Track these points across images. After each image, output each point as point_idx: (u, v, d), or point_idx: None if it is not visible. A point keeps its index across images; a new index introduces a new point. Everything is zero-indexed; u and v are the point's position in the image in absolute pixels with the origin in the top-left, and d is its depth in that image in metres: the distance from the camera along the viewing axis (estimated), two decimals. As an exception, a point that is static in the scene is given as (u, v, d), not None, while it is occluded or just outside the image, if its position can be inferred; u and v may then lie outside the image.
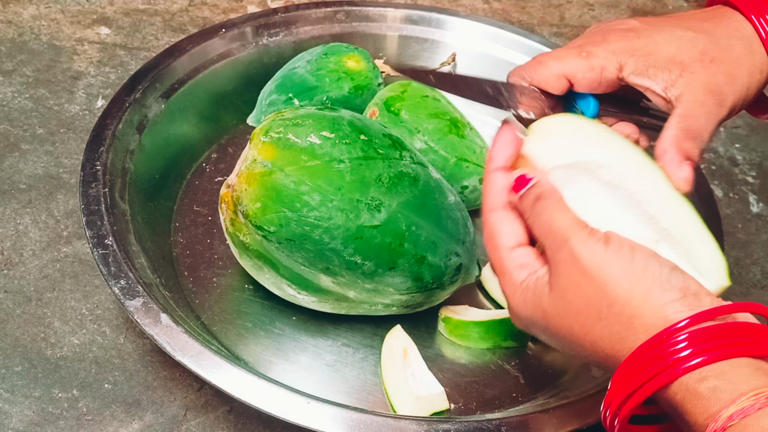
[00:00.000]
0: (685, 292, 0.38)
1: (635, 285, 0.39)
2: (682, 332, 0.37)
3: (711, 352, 0.36)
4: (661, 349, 0.37)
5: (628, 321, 0.38)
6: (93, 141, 0.68)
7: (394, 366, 0.63)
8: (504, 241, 0.45)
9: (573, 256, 0.40)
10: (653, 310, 0.38)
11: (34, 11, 0.98)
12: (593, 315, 0.39)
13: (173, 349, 0.55)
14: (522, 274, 0.43)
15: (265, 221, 0.58)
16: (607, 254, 0.39)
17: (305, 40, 0.86)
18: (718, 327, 0.37)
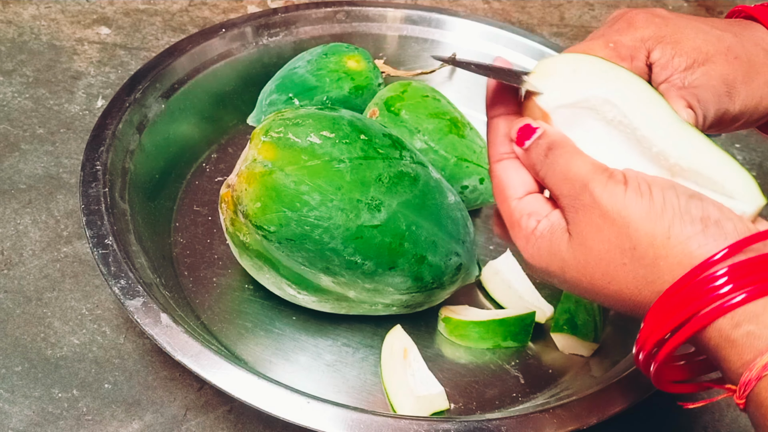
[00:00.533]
0: (706, 222, 0.37)
1: (656, 223, 0.37)
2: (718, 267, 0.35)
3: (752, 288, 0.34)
4: (696, 287, 0.35)
5: (653, 263, 0.37)
6: (93, 141, 0.68)
7: (394, 366, 0.63)
8: (512, 192, 0.43)
9: (594, 201, 0.38)
10: (677, 248, 0.36)
11: (34, 11, 0.97)
12: (616, 260, 0.38)
13: (173, 349, 0.55)
14: (532, 222, 0.42)
15: (265, 221, 0.58)
16: (627, 195, 0.38)
17: (305, 40, 0.86)
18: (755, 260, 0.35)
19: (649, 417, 0.64)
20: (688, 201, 0.38)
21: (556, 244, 0.40)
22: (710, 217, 0.37)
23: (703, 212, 0.37)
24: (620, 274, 0.38)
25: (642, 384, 0.57)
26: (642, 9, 0.51)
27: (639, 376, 0.57)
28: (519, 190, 0.43)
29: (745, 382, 0.34)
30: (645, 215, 0.37)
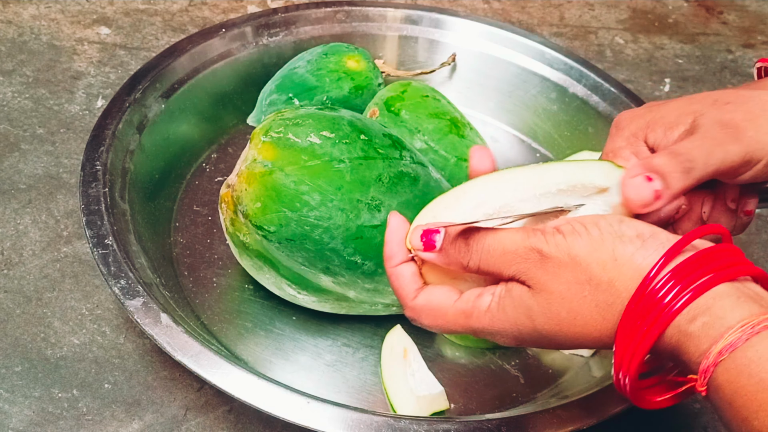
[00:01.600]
0: (642, 237, 0.39)
1: (601, 251, 0.39)
2: (660, 277, 0.37)
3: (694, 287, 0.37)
4: (646, 301, 0.38)
5: (609, 286, 0.39)
6: (93, 141, 0.68)
7: (394, 366, 0.63)
8: (448, 300, 0.44)
9: (542, 256, 0.40)
10: (626, 266, 0.39)
11: (34, 11, 0.97)
12: (577, 295, 0.40)
13: (173, 349, 0.55)
14: (486, 298, 0.43)
15: (265, 221, 0.58)
16: (568, 240, 0.40)
17: (305, 40, 0.86)
18: (691, 259, 0.38)
19: (649, 417, 0.64)
20: (620, 225, 0.40)
21: (518, 297, 0.42)
22: (644, 233, 0.40)
23: (636, 230, 0.40)
24: (583, 306, 0.40)
25: (642, 384, 0.57)
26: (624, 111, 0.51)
27: (639, 376, 0.57)
28: (452, 295, 0.44)
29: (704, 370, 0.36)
30: (590, 248, 0.39)
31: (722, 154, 0.45)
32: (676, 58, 1.05)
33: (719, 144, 0.45)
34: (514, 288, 0.42)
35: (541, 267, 0.40)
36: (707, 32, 1.11)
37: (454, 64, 0.88)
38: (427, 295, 0.45)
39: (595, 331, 0.40)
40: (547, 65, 0.85)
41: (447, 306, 0.44)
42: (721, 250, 0.39)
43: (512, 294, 0.42)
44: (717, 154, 0.45)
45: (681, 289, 0.37)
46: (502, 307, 0.42)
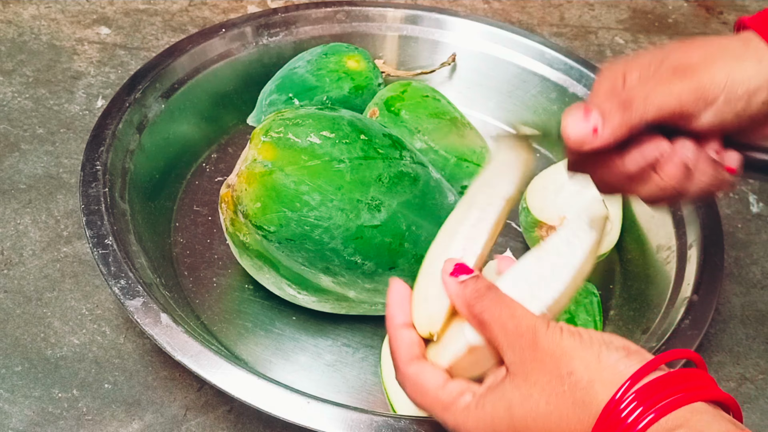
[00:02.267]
0: (627, 350, 0.40)
1: (588, 351, 0.40)
2: (630, 392, 0.38)
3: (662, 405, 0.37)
4: (618, 413, 0.38)
5: (589, 386, 0.39)
6: (93, 141, 0.68)
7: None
8: (434, 384, 0.45)
9: (536, 340, 0.41)
10: (607, 370, 0.39)
11: (34, 11, 0.97)
12: (557, 388, 0.40)
13: (173, 349, 0.55)
14: (467, 397, 0.44)
15: (265, 221, 0.58)
16: (563, 336, 0.41)
17: (305, 40, 0.86)
18: (661, 379, 0.38)
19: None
20: (611, 336, 0.41)
21: (499, 391, 0.42)
22: (630, 347, 0.40)
23: (624, 343, 0.41)
24: (561, 401, 0.40)
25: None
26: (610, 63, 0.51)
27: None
28: (438, 380, 0.45)
29: None
30: (578, 346, 0.40)
31: (665, 92, 0.46)
32: (676, 58, 1.05)
33: (663, 83, 0.46)
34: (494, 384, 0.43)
35: (531, 351, 0.41)
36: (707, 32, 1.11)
37: (454, 64, 0.88)
38: (418, 369, 0.45)
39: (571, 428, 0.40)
40: (547, 65, 0.85)
41: (430, 389, 0.45)
42: (692, 374, 0.39)
43: (494, 390, 0.42)
44: (659, 92, 0.46)
45: (644, 410, 0.37)
46: (482, 404, 0.42)
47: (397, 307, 0.48)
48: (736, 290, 0.77)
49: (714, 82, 0.46)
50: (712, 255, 0.66)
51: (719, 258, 0.66)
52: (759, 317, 0.74)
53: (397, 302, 0.48)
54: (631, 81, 0.48)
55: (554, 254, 0.47)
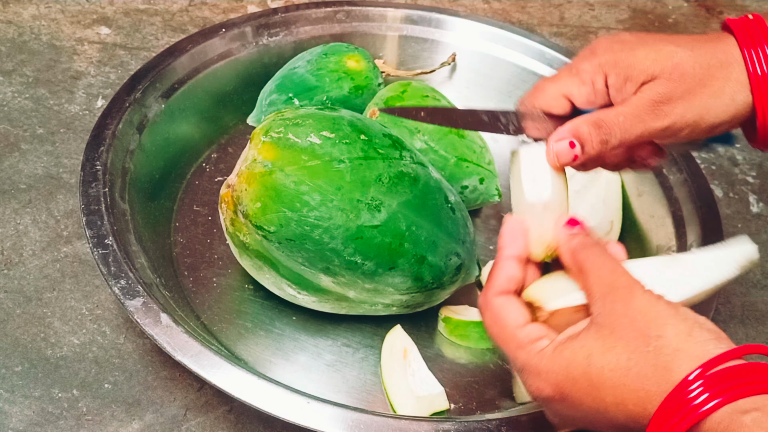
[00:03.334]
0: (717, 335, 0.41)
1: (682, 323, 0.41)
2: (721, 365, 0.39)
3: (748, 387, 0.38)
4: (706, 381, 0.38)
5: (674, 354, 0.40)
6: (93, 141, 0.68)
7: (394, 366, 0.63)
8: (514, 321, 0.46)
9: (631, 297, 0.42)
10: (697, 345, 0.40)
11: (34, 11, 0.98)
12: (641, 344, 0.41)
13: (173, 349, 0.55)
14: (544, 341, 0.45)
15: (265, 221, 0.58)
16: (659, 302, 0.42)
17: (305, 40, 0.86)
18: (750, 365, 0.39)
19: (649, 417, 0.64)
20: (705, 320, 0.42)
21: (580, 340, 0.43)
22: (721, 333, 0.41)
23: (716, 329, 0.42)
24: (643, 360, 0.40)
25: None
26: (608, 36, 0.54)
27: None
28: (519, 319, 0.46)
29: None
30: (673, 315, 0.41)
31: (641, 129, 0.51)
32: (676, 58, 1.05)
33: (642, 121, 0.51)
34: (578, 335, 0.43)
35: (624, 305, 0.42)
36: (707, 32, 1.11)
37: (454, 64, 0.88)
38: (504, 302, 0.47)
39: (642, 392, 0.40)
40: (547, 65, 0.85)
41: (509, 324, 0.46)
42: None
43: (575, 339, 0.43)
44: (636, 129, 0.51)
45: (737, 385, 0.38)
46: (560, 350, 0.43)
47: (511, 239, 0.49)
48: (736, 290, 0.77)
49: (684, 120, 0.51)
50: (712, 255, 0.66)
51: (719, 258, 0.66)
52: (759, 317, 0.74)
53: (511, 235, 0.50)
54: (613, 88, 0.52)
55: (688, 267, 0.48)
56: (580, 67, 0.53)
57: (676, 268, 0.48)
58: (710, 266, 0.48)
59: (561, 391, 0.43)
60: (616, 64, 0.52)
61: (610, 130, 0.51)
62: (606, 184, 0.76)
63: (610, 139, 0.51)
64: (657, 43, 0.52)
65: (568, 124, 0.52)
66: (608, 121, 0.51)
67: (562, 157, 0.51)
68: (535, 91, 0.55)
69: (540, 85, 0.55)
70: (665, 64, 0.51)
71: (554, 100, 0.53)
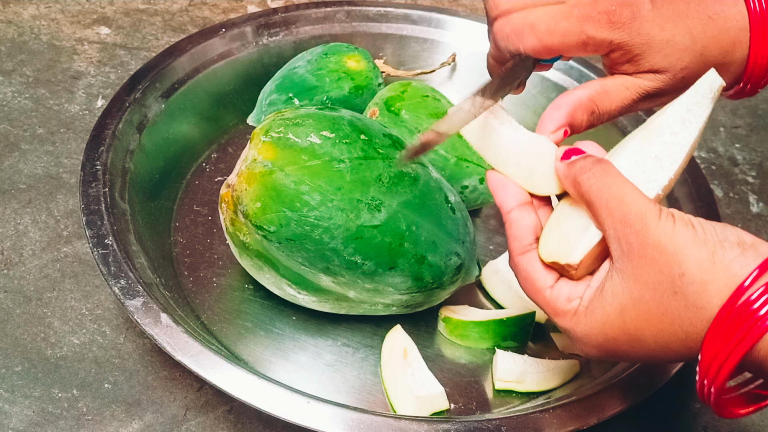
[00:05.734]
0: (743, 245, 0.39)
1: (702, 249, 0.39)
2: (755, 285, 0.37)
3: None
4: (740, 309, 0.37)
5: (702, 288, 0.38)
6: (93, 141, 0.68)
7: (394, 366, 0.63)
8: (543, 282, 0.45)
9: (646, 232, 0.40)
10: (722, 271, 0.38)
11: (34, 11, 0.98)
12: (669, 289, 0.39)
13: (173, 349, 0.55)
14: (574, 303, 0.44)
15: (265, 221, 0.58)
16: (676, 227, 0.40)
17: (305, 40, 0.86)
18: None
19: (649, 417, 0.64)
20: (724, 229, 0.40)
21: (608, 295, 0.41)
22: (746, 241, 0.39)
23: (739, 238, 0.39)
24: (673, 303, 0.39)
25: (642, 384, 0.57)
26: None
27: (639, 376, 0.57)
28: (549, 279, 0.45)
29: None
30: (691, 242, 0.39)
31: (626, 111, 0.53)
32: (676, 58, 1.05)
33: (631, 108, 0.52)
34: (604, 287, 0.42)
35: (641, 244, 0.40)
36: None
37: (454, 64, 0.88)
38: (528, 262, 0.46)
39: (682, 333, 0.39)
40: (547, 65, 0.85)
41: (541, 287, 0.45)
42: None
43: (602, 293, 0.42)
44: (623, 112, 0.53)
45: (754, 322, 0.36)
46: (591, 311, 0.42)
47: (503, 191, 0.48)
48: (736, 290, 0.77)
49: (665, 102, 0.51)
50: (712, 255, 0.66)
51: (719, 258, 0.66)
52: None
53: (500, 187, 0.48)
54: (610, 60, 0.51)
55: (666, 133, 0.46)
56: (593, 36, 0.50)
57: (657, 140, 0.46)
58: (687, 117, 0.46)
59: (606, 350, 0.43)
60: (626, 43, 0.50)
61: (600, 116, 0.51)
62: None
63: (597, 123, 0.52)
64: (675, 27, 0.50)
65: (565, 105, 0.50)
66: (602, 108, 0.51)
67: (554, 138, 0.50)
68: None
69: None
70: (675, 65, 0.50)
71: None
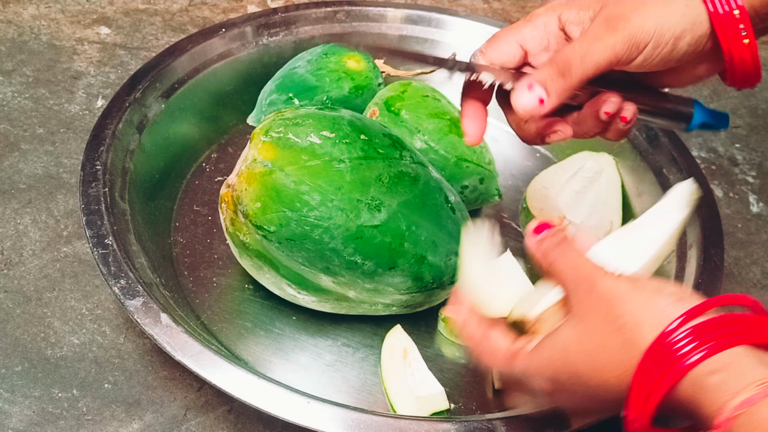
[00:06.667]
0: (678, 296, 0.42)
1: (639, 296, 0.42)
2: (679, 330, 0.40)
3: (709, 345, 0.39)
4: (666, 348, 0.40)
5: (636, 327, 0.41)
6: (93, 141, 0.68)
7: (394, 366, 0.63)
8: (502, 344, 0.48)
9: (593, 285, 0.44)
10: (655, 314, 0.41)
11: (34, 11, 0.98)
12: (607, 329, 0.42)
13: (173, 349, 0.55)
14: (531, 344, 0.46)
15: (265, 221, 0.58)
16: (618, 280, 0.44)
17: (305, 40, 0.86)
18: (712, 320, 0.40)
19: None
20: (665, 284, 0.43)
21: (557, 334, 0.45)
22: (682, 294, 0.42)
23: (676, 291, 0.43)
24: (610, 341, 0.42)
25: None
26: None
27: (639, 376, 0.57)
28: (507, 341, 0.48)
29: (720, 424, 0.37)
30: (630, 291, 0.43)
31: (601, 48, 0.50)
32: (676, 58, 1.05)
33: (598, 39, 0.50)
34: (557, 329, 0.45)
35: (588, 294, 0.44)
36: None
37: (454, 64, 0.88)
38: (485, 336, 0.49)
39: (618, 368, 0.42)
40: (547, 65, 0.85)
41: (499, 349, 0.48)
42: (746, 318, 0.40)
43: (554, 334, 0.45)
44: (595, 49, 0.50)
45: (698, 345, 0.39)
46: (541, 347, 0.45)
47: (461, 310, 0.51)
48: (736, 290, 0.77)
49: (644, 30, 0.49)
50: (712, 255, 0.66)
51: (719, 258, 0.66)
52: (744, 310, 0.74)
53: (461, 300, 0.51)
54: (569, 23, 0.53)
55: (645, 228, 0.50)
56: (534, 13, 0.55)
57: (632, 236, 0.50)
58: (661, 219, 0.50)
59: (554, 385, 0.45)
60: (571, 3, 0.53)
61: (565, 60, 0.50)
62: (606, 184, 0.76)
63: (569, 68, 0.50)
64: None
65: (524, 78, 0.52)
66: (564, 53, 0.51)
67: (527, 106, 0.51)
68: (489, 40, 0.55)
69: (495, 35, 0.55)
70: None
71: (507, 47, 0.54)
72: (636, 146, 0.79)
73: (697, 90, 0.99)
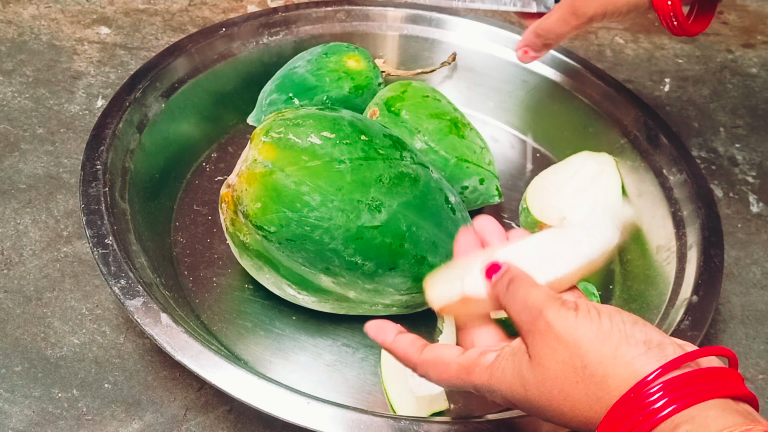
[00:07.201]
0: (648, 344, 0.40)
1: (604, 344, 0.40)
2: (653, 384, 0.38)
3: (681, 400, 0.38)
4: (634, 403, 0.38)
5: (602, 380, 0.40)
6: (93, 140, 0.68)
7: (394, 366, 0.63)
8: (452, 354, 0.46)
9: (548, 325, 0.42)
10: (623, 367, 0.39)
11: (34, 11, 0.97)
12: (570, 378, 0.41)
13: (173, 349, 0.55)
14: (489, 357, 0.45)
15: (266, 221, 0.58)
16: (577, 320, 0.41)
17: (305, 40, 0.86)
18: (686, 375, 0.38)
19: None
20: (633, 326, 0.41)
21: (518, 363, 0.43)
22: (652, 340, 0.40)
23: (646, 336, 0.40)
24: (574, 391, 0.41)
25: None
26: None
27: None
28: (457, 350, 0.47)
29: None
30: (594, 337, 0.40)
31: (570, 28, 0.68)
32: (676, 58, 1.05)
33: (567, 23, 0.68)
34: (517, 351, 0.43)
35: (544, 336, 0.42)
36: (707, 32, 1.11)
37: (455, 63, 0.88)
38: (433, 351, 0.47)
39: (583, 417, 0.41)
40: (547, 65, 0.85)
41: (451, 361, 0.46)
42: (718, 372, 0.39)
43: (515, 358, 0.43)
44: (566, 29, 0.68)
45: (669, 400, 0.38)
46: (502, 369, 0.44)
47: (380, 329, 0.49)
48: (736, 290, 0.77)
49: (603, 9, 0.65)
50: (712, 255, 0.66)
51: (719, 258, 0.66)
52: (759, 317, 0.75)
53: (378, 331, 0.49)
54: None
55: (572, 239, 0.48)
56: None
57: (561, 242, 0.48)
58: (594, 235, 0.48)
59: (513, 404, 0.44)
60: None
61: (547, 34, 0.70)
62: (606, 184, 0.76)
63: (549, 41, 0.71)
64: None
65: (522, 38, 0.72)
66: (545, 28, 0.70)
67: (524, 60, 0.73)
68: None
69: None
70: None
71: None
72: (636, 146, 0.79)
73: (697, 90, 0.99)
